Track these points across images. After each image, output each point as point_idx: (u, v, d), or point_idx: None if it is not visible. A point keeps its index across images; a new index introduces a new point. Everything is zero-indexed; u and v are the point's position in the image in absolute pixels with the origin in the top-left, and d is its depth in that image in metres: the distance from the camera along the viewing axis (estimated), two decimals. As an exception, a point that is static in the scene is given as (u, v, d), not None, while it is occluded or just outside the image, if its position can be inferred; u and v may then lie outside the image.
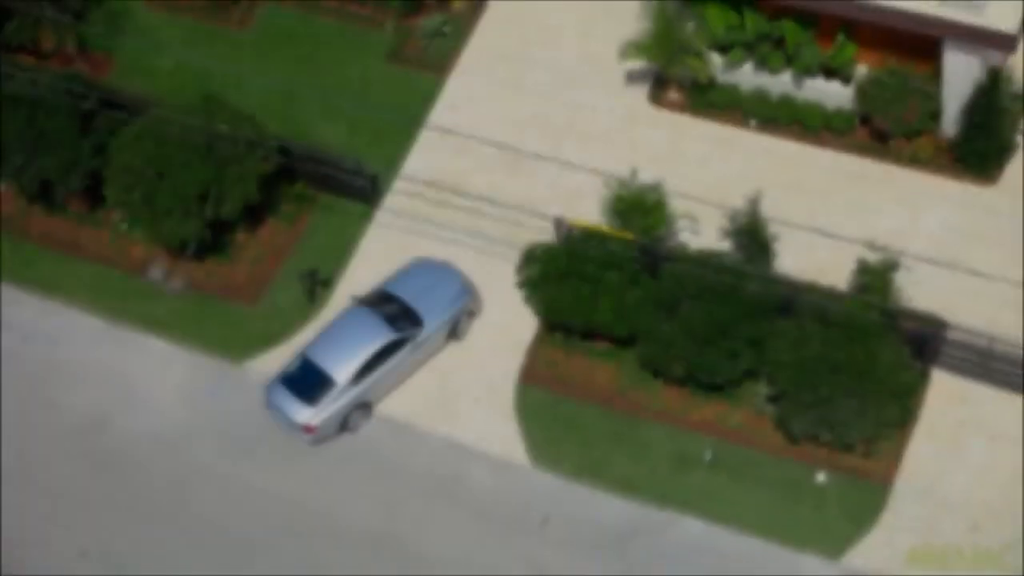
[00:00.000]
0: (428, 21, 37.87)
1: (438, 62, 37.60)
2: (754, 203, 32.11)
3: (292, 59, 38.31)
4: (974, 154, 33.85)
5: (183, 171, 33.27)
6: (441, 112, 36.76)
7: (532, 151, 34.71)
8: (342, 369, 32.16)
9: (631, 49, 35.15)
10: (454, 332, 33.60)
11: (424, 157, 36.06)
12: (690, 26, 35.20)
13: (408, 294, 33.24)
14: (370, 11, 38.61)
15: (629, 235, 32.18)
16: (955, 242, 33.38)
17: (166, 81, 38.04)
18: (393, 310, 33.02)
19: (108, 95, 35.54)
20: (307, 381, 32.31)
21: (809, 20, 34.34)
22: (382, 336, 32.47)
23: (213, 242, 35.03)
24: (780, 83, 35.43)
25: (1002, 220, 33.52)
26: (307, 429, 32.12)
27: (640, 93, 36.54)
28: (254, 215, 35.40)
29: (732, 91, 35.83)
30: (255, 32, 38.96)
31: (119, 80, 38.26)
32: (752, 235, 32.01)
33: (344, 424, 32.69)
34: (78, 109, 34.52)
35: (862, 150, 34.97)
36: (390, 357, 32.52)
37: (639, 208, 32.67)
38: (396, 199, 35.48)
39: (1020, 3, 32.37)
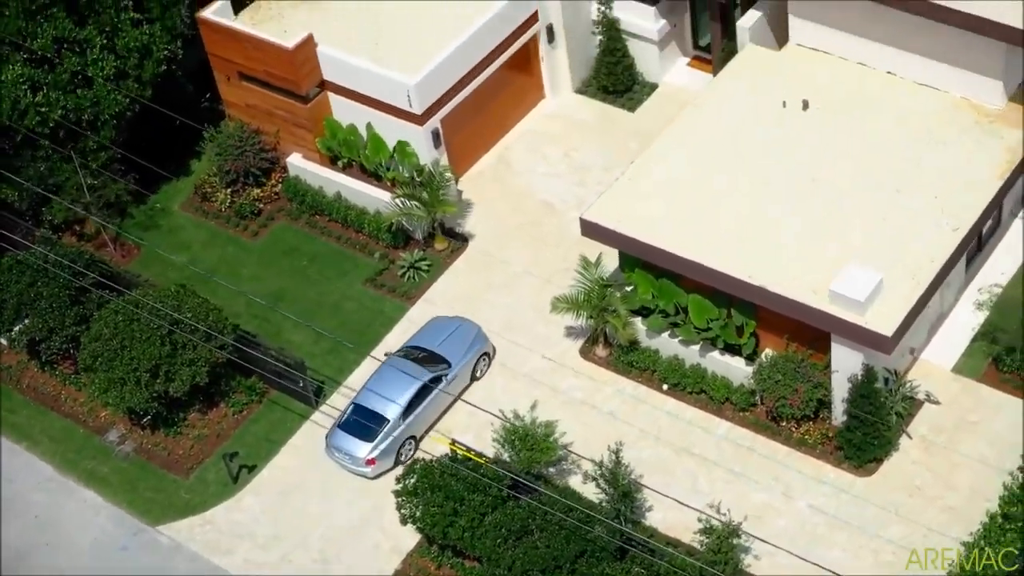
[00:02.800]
0: (408, 256, 40.93)
1: (408, 292, 40.51)
2: (617, 453, 33.60)
3: (287, 270, 41.74)
4: (852, 445, 34.78)
5: (141, 346, 36.55)
6: (396, 335, 39.49)
7: (463, 382, 37.53)
8: (391, 407, 36.35)
9: (559, 303, 37.48)
10: (474, 373, 37.79)
11: (369, 373, 38.59)
12: (625, 289, 37.41)
13: (433, 343, 37.79)
14: (365, 239, 41.93)
15: (494, 463, 34.11)
16: (818, 525, 34.16)
17: (176, 274, 41.74)
18: (424, 356, 37.51)
19: (108, 275, 39.42)
20: (362, 422, 36.46)
21: (720, 299, 36.16)
22: (420, 376, 36.72)
23: (167, 417, 38.06)
24: (695, 353, 37.12)
25: (867, 513, 34.18)
26: (368, 462, 36.22)
27: (573, 346, 38.64)
28: (208, 399, 38.40)
29: (652, 355, 37.64)
30: (265, 243, 42.57)
31: (139, 267, 42.26)
32: (613, 483, 33.42)
33: (397, 457, 36.52)
34: (73, 282, 38.33)
35: (756, 426, 36.23)
36: (428, 394, 36.75)
37: (527, 442, 34.51)
38: (335, 406, 38.05)
39: (905, 307, 33.75)
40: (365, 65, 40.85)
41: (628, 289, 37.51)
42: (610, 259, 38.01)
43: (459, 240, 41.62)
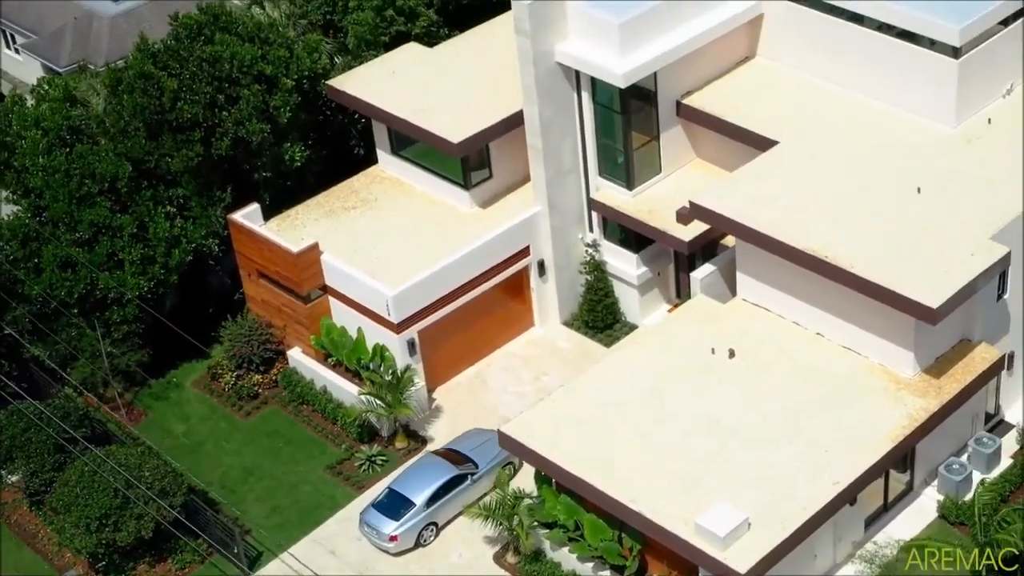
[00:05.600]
0: (367, 449, 42.31)
1: (360, 482, 41.82)
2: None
3: (265, 449, 43.53)
4: (709, 676, 34.30)
5: (97, 496, 38.53)
6: (341, 519, 40.65)
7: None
8: (419, 494, 39.43)
9: (471, 510, 38.30)
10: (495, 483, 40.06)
11: (305, 550, 39.69)
12: (534, 500, 38.05)
13: (465, 448, 41.01)
14: (338, 430, 43.54)
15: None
16: None
17: (169, 440, 43.94)
18: (455, 457, 40.60)
19: (97, 432, 41.81)
20: (392, 504, 39.57)
21: (613, 521, 36.42)
22: (448, 472, 39.92)
23: (119, 565, 39.75)
24: (589, 569, 37.28)
25: None
26: (392, 538, 39.10)
27: (491, 550, 39.19)
28: (158, 553, 39.98)
29: (553, 567, 38.03)
30: (253, 423, 44.52)
31: (140, 431, 44.55)
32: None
33: (418, 539, 39.30)
34: (61, 432, 40.79)
35: (633, 646, 36.08)
36: (454, 489, 39.74)
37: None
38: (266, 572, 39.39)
39: (765, 549, 33.59)
40: (355, 274, 43.07)
41: (536, 500, 38.12)
42: (533, 473, 38.73)
43: (418, 441, 42.86)
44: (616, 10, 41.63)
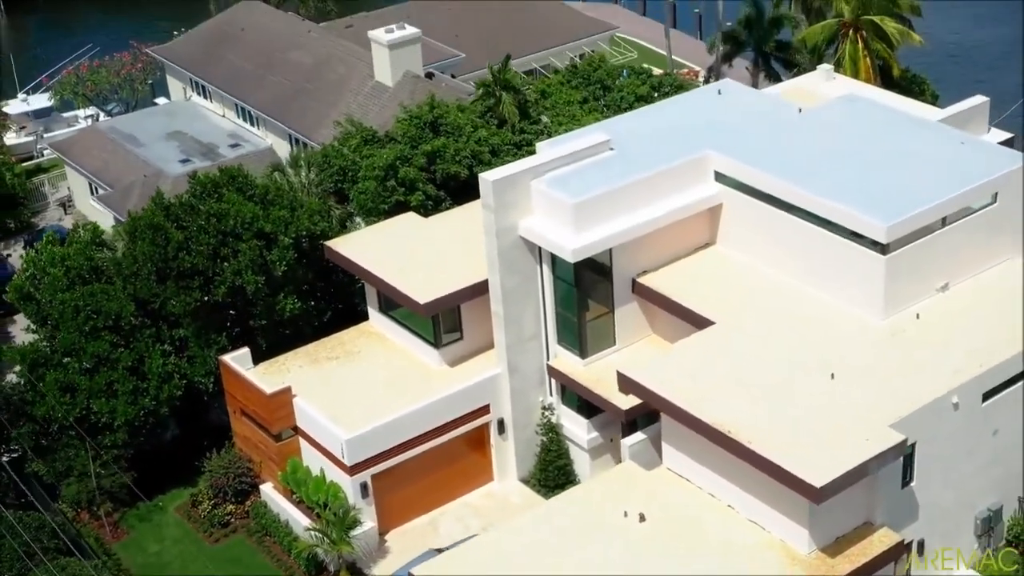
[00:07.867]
0: (315, 586, 42.99)
1: (303, 619, 42.42)
2: None
3: (228, 557, 44.17)
4: None
5: (44, 594, 39.89)
6: (272, 644, 41.28)
7: None
8: None
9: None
10: None
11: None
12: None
13: None
14: (291, 562, 44.11)
15: None
16: None
17: (141, 557, 45.00)
18: None
19: (74, 543, 43.12)
20: None
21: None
22: None
23: (66, 671, 40.75)
24: None
25: None
26: None
27: None
28: (101, 662, 40.90)
29: None
30: (219, 549, 45.35)
31: (119, 548, 45.71)
32: None
33: None
34: (32, 541, 42.21)
35: None
36: None
37: None
38: None
39: None
40: (318, 417, 44.03)
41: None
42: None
43: (360, 578, 43.37)
44: (573, 190, 42.63)
